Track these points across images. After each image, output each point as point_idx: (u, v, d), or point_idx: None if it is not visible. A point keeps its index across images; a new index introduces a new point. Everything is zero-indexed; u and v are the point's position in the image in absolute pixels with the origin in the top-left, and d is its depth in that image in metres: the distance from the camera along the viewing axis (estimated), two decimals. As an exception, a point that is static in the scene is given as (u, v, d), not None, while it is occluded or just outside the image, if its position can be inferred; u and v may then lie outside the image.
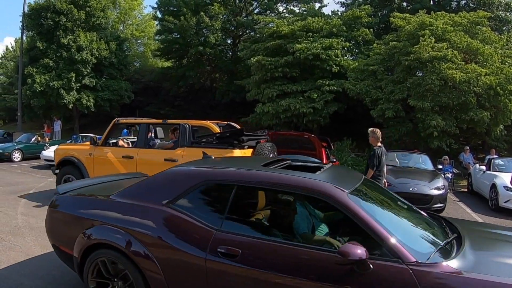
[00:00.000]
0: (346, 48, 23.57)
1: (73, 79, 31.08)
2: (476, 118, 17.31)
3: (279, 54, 23.48)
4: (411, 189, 11.30)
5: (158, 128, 11.73)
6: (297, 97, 22.14)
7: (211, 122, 10.52)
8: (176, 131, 10.44)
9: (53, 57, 31.33)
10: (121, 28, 47.73)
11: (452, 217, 6.05)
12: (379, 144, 9.55)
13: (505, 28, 26.42)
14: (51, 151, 16.95)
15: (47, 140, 26.08)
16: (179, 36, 33.25)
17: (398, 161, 14.18)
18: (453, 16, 20.12)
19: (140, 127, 10.74)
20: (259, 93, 24.05)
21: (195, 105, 35.79)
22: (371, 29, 24.29)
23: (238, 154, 8.92)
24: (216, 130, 9.97)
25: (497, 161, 14.75)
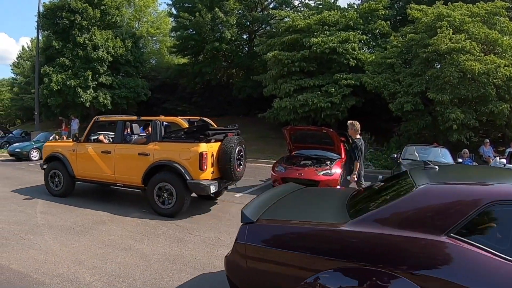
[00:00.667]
0: (363, 41, 23.55)
1: (90, 77, 31.52)
2: (496, 111, 17.23)
3: (295, 49, 23.59)
4: None
5: (134, 124, 12.35)
6: (315, 91, 22.18)
7: (181, 118, 11.18)
8: (149, 127, 11.23)
9: (69, 56, 31.73)
10: (136, 25, 47.92)
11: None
12: (358, 136, 9.99)
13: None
14: None
15: (64, 139, 26.42)
16: (194, 32, 33.39)
17: (417, 155, 14.19)
18: (471, 6, 19.97)
19: (117, 124, 11.30)
20: (276, 88, 24.14)
21: (212, 101, 35.99)
22: (388, 22, 24.18)
23: (204, 147, 9.41)
24: (185, 125, 10.55)
25: (517, 153, 14.68)
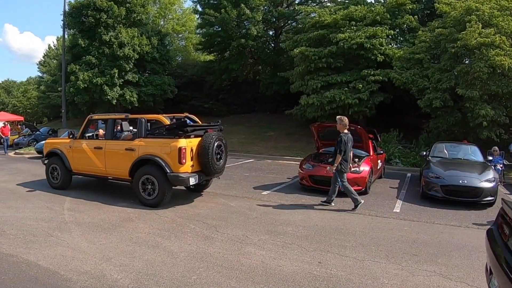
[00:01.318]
0: (390, 37, 23.44)
1: (116, 75, 32.06)
2: (527, 107, 17.05)
3: (322, 45, 23.56)
4: (460, 181, 11.12)
5: (124, 122, 12.85)
6: (342, 88, 22.12)
7: (164, 115, 11.99)
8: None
9: (95, 54, 32.27)
10: (162, 23, 48.31)
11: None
12: (346, 131, 10.83)
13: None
14: None
15: (90, 136, 26.78)
16: (220, 29, 33.56)
17: (447, 152, 14.15)
18: (500, 0, 19.77)
19: (108, 122, 12.39)
20: (303, 84, 24.19)
21: (239, 98, 36.20)
22: (415, 16, 23.87)
23: (183, 142, 10.29)
24: (166, 122, 11.31)
25: (549, 151, 14.54)
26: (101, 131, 14.01)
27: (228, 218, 9.52)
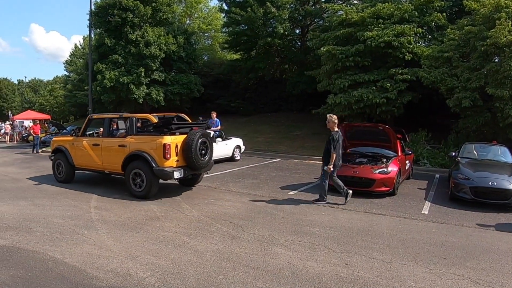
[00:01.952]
0: (418, 35, 23.11)
1: (143, 74, 32.43)
2: (559, 107, 16.75)
3: (349, 43, 23.37)
4: (490, 183, 11.00)
5: (120, 121, 14.76)
6: (370, 87, 21.92)
7: (154, 114, 13.20)
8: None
9: (121, 53, 32.74)
10: (188, 22, 48.70)
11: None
12: (336, 129, 11.34)
13: None
14: None
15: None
16: (246, 27, 33.69)
17: (476, 153, 14.01)
18: (531, -4, 19.42)
19: (104, 121, 13.87)
20: (330, 83, 24.07)
21: (266, 97, 36.28)
22: (444, 14, 23.48)
23: (167, 139, 11.44)
24: (154, 120, 12.44)
25: None
26: (102, 129, 15.41)
27: (254, 218, 9.59)
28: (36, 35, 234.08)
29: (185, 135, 11.93)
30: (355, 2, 30.84)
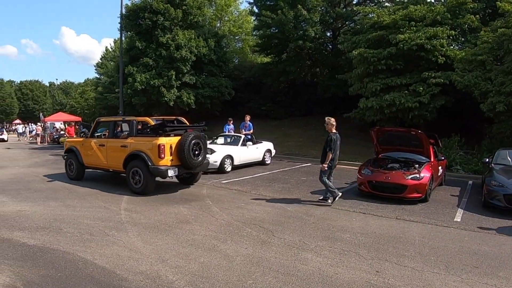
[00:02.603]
0: (451, 37, 22.75)
1: (173, 77, 32.75)
2: None
3: (381, 46, 23.24)
4: None
5: (124, 123, 15.92)
6: (402, 91, 21.82)
7: (153, 117, 15.52)
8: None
9: (152, 56, 33.09)
10: (218, 25, 48.96)
11: None
12: (334, 131, 12.07)
13: None
14: None
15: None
16: (277, 30, 33.74)
17: (510, 159, 13.79)
18: None
19: (110, 124, 15.75)
20: (362, 87, 24.02)
21: (297, 100, 36.28)
22: (477, 16, 23.13)
23: (162, 140, 12.85)
24: (152, 123, 13.94)
25: None
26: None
27: (285, 223, 9.66)
28: (67, 38, 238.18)
29: (179, 137, 13.28)
30: (387, 4, 30.63)
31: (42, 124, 49.19)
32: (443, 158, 14.99)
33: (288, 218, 10.12)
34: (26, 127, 57.71)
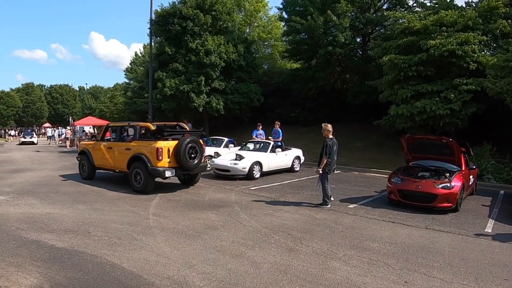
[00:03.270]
0: (483, 43, 22.43)
1: (203, 82, 32.91)
2: None
3: (412, 52, 23.02)
4: None
5: (130, 128, 17.29)
6: (433, 97, 21.58)
7: (154, 123, 17.05)
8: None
9: (182, 62, 33.42)
10: (248, 30, 49.20)
11: None
12: (331, 136, 12.71)
13: None
14: None
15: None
16: (307, 36, 33.72)
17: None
18: None
19: (117, 129, 17.38)
20: (392, 94, 23.83)
21: (326, 107, 36.23)
22: (509, 20, 22.71)
23: (160, 144, 14.31)
24: (152, 128, 15.50)
25: None
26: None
27: (313, 231, 9.70)
28: (96, 43, 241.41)
29: (177, 141, 14.66)
30: (417, 9, 30.46)
31: (72, 128, 49.95)
32: (474, 167, 14.89)
33: (316, 226, 10.16)
34: (55, 130, 58.60)
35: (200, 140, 15.73)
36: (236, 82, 36.53)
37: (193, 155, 14.81)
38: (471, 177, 14.11)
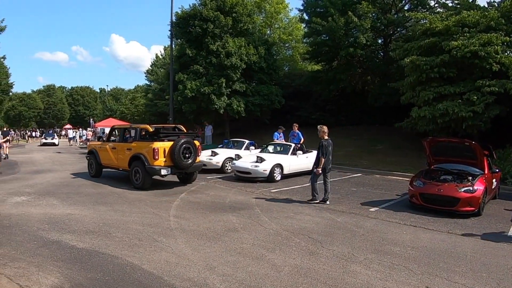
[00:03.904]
0: (506, 44, 22.08)
1: (223, 84, 33.17)
2: None
3: (434, 53, 22.84)
4: None
5: (132, 130, 18.80)
6: (455, 99, 21.34)
7: (153, 125, 18.00)
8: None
9: (202, 64, 33.74)
10: (268, 32, 49.25)
11: None
12: (326, 137, 13.54)
13: None
14: (203, 155, 20.46)
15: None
16: (327, 38, 33.82)
17: None
18: None
19: (121, 130, 19.06)
20: (414, 96, 23.68)
21: (347, 109, 36.31)
22: None
23: (156, 144, 15.57)
24: (150, 130, 16.64)
25: None
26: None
27: (334, 234, 9.65)
28: (117, 45, 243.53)
29: (172, 142, 15.88)
30: (439, 10, 30.17)
31: (93, 130, 50.39)
32: (497, 170, 14.71)
33: (337, 229, 10.10)
34: (76, 132, 59.20)
35: (195, 142, 16.87)
36: (257, 84, 36.65)
37: (187, 155, 16.06)
38: (494, 180, 13.90)
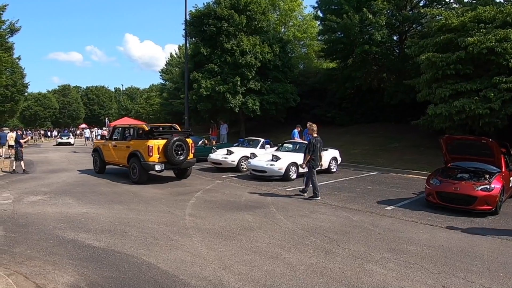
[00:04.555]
0: None
1: (239, 83, 33.43)
2: None
3: (449, 50, 22.60)
4: None
5: (131, 129, 19.68)
6: (472, 96, 21.09)
7: (149, 124, 20.93)
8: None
9: (217, 62, 33.96)
10: (283, 30, 49.25)
11: None
12: (315, 135, 14.39)
13: None
14: (219, 154, 21.53)
15: (214, 143, 27.91)
16: (342, 35, 33.77)
17: None
18: None
19: (121, 129, 20.33)
20: (430, 93, 23.43)
21: (363, 107, 36.20)
22: None
23: (151, 142, 16.99)
24: (146, 129, 18.20)
25: None
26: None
27: (349, 233, 9.69)
28: (131, 45, 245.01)
29: (166, 140, 17.31)
30: (455, 6, 29.91)
31: (108, 129, 50.67)
32: (513, 168, 14.63)
33: (353, 228, 10.15)
34: (92, 131, 59.61)
35: (188, 139, 18.33)
36: (272, 82, 36.64)
37: (179, 152, 17.51)
38: (511, 178, 13.80)
